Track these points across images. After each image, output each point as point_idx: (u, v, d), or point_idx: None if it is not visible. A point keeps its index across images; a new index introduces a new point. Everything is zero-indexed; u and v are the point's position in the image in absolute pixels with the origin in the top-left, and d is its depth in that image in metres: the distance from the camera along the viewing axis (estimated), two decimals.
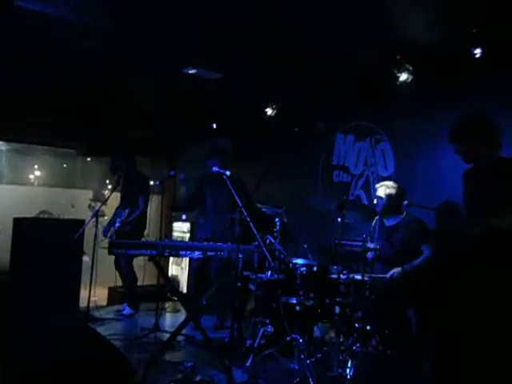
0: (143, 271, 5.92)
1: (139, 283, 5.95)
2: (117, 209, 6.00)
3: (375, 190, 4.39)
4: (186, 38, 4.41)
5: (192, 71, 5.18)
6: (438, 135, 4.38)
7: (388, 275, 4.03)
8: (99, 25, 4.17)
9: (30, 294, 4.75)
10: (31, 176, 7.80)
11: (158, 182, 5.54)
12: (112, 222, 5.85)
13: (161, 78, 5.59)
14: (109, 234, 5.73)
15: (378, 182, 5.00)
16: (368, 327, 3.84)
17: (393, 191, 4.21)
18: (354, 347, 3.70)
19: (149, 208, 5.89)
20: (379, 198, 4.25)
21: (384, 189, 4.25)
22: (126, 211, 5.71)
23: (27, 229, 5.30)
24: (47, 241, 5.15)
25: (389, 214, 4.26)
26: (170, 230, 7.37)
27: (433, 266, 3.96)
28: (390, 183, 4.31)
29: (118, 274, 5.91)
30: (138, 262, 5.87)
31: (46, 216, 7.11)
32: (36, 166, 7.82)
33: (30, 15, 3.89)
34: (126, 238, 5.44)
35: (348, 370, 3.55)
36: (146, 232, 5.88)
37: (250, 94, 6.01)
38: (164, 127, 7.58)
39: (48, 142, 7.33)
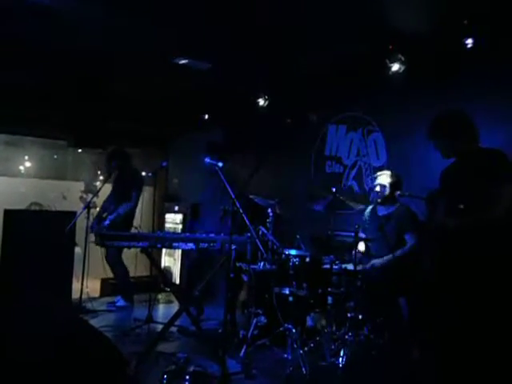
0: (135, 262, 5.90)
1: (131, 274, 5.92)
2: (104, 203, 5.89)
3: (375, 177, 4.38)
4: (177, 28, 4.37)
5: (183, 61, 5.15)
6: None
7: (368, 266, 4.09)
8: (89, 14, 4.12)
9: (22, 286, 4.73)
10: (22, 168, 7.74)
11: (150, 174, 5.49)
12: (99, 217, 5.72)
13: (152, 68, 5.54)
14: (95, 231, 5.62)
15: (371, 172, 4.99)
16: (360, 316, 3.88)
17: (394, 180, 4.22)
18: (346, 336, 3.74)
19: (141, 200, 5.85)
20: (382, 185, 4.22)
21: (386, 177, 4.24)
22: (119, 207, 5.61)
23: (18, 221, 5.26)
24: (38, 233, 5.11)
25: (385, 203, 4.27)
26: (162, 221, 7.35)
27: (418, 254, 3.99)
28: (389, 172, 4.30)
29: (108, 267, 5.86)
30: (131, 254, 5.85)
31: (37, 208, 7.07)
32: (26, 158, 7.76)
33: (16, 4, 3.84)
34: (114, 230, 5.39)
35: (340, 359, 3.58)
36: (137, 224, 5.84)
37: (242, 85, 5.98)
38: (156, 118, 7.55)
39: (38, 134, 7.27)
